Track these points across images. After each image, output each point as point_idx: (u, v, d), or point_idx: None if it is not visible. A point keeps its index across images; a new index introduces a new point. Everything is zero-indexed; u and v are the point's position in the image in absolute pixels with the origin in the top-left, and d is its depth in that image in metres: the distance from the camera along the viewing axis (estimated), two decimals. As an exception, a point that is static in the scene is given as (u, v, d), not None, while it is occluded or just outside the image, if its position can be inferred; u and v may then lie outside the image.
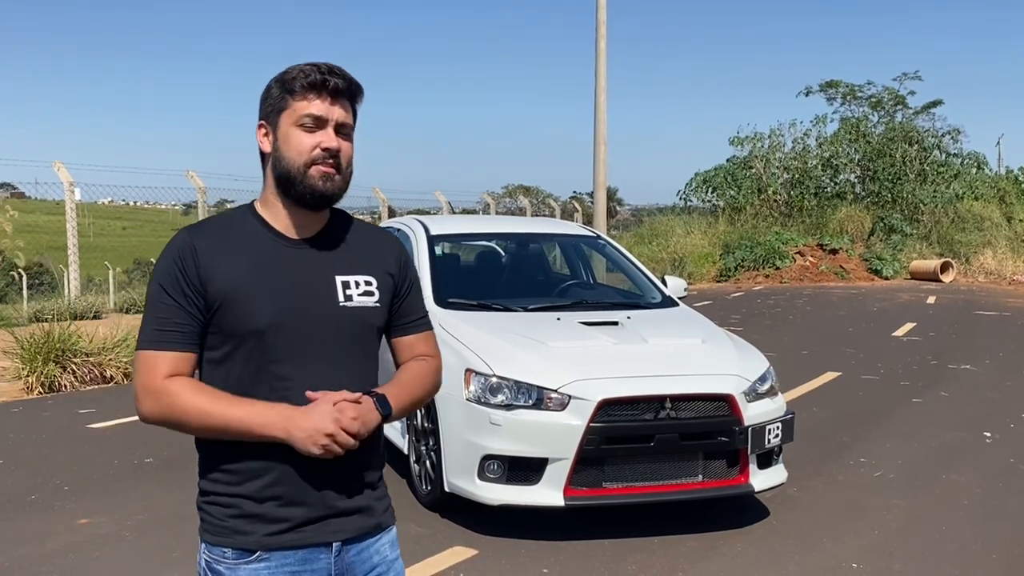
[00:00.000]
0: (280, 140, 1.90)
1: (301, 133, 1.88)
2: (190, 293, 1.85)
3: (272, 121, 1.92)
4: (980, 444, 6.87)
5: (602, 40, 18.89)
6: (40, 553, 4.57)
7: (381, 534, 2.02)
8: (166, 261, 1.87)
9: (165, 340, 1.85)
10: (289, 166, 1.89)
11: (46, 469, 6.05)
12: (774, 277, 22.91)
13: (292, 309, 1.88)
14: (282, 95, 1.90)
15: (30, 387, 8.55)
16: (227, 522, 1.89)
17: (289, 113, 1.89)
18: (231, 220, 1.97)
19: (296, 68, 1.91)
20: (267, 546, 1.87)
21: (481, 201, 25.39)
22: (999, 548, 4.76)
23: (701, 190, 29.12)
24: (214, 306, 1.85)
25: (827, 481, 5.87)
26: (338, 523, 1.93)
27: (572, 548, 4.66)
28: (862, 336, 12.76)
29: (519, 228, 7.71)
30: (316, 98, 1.88)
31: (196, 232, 1.91)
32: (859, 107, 31.60)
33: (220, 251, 1.88)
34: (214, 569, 1.90)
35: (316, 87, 1.88)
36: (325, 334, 1.90)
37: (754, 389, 4.96)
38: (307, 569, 1.90)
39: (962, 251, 24.73)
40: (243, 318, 1.85)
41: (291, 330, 1.87)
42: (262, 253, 1.90)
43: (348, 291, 1.94)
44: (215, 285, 1.85)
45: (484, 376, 4.79)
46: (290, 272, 1.91)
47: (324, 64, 1.90)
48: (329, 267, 1.95)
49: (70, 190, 13.11)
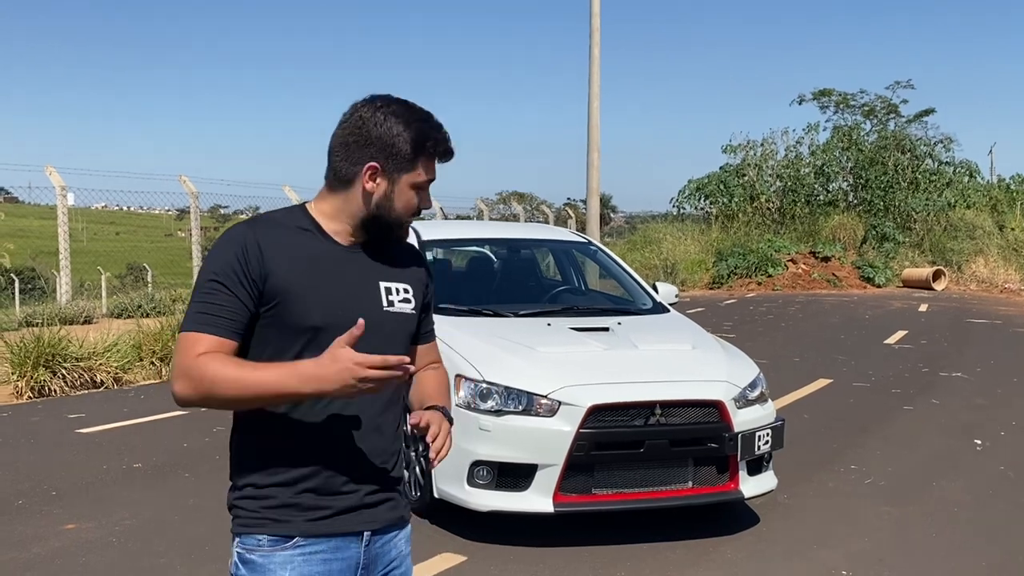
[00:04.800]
0: (395, 195, 1.97)
1: (413, 193, 1.99)
2: (248, 285, 1.88)
3: (393, 175, 1.96)
4: (971, 452, 6.88)
5: (596, 47, 18.92)
6: (26, 558, 4.54)
7: (403, 528, 2.12)
8: (226, 251, 1.90)
9: (208, 323, 1.87)
10: (394, 219, 1.99)
11: (34, 474, 6.02)
12: (767, 284, 22.95)
13: (345, 309, 1.93)
14: (415, 156, 1.96)
15: (20, 392, 8.51)
16: (263, 512, 1.93)
17: (414, 175, 1.97)
18: (287, 219, 2.01)
19: (424, 126, 1.96)
20: (306, 532, 1.93)
21: (475, 207, 25.38)
22: (989, 556, 4.76)
23: (694, 197, 29.20)
24: (271, 301, 1.90)
25: (817, 488, 5.87)
26: (370, 513, 2.00)
27: (561, 555, 4.64)
28: (854, 343, 12.78)
29: (511, 234, 7.72)
30: (435, 162, 2.01)
31: (258, 226, 1.96)
32: (852, 115, 31.75)
33: (281, 247, 1.93)
34: (247, 560, 1.93)
35: (440, 156, 2.00)
36: (371, 336, 1.91)
37: (744, 395, 4.96)
38: (338, 557, 1.96)
39: (954, 259, 24.82)
40: (302, 314, 1.91)
41: (343, 329, 1.88)
42: (319, 253, 1.97)
43: (391, 296, 2.04)
44: (276, 279, 1.90)
45: (474, 382, 4.78)
46: (343, 275, 1.98)
47: (442, 130, 2.00)
48: (374, 273, 2.03)
49: (62, 194, 13.07)
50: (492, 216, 27.92)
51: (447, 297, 5.91)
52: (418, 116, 1.97)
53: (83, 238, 24.37)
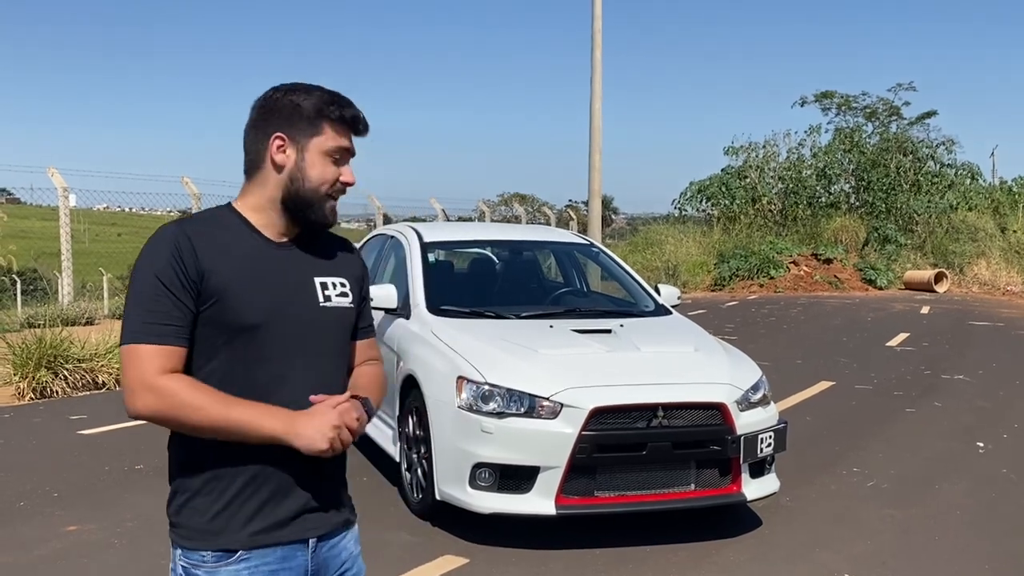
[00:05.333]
0: (306, 163, 1.94)
1: (329, 163, 1.95)
2: (188, 286, 1.85)
3: (300, 141, 1.94)
4: (973, 454, 6.87)
5: (598, 50, 18.93)
6: (27, 560, 4.54)
7: (349, 530, 2.08)
8: (160, 254, 1.85)
9: (160, 334, 1.83)
10: (307, 190, 1.94)
11: (36, 475, 6.01)
12: (768, 286, 22.94)
13: (280, 307, 1.92)
14: (318, 120, 1.94)
15: (21, 393, 8.51)
16: (207, 525, 1.89)
17: (322, 140, 1.94)
18: (217, 218, 1.98)
19: (326, 94, 1.96)
20: (249, 545, 1.89)
21: (476, 209, 25.38)
22: (991, 558, 4.75)
23: (696, 199, 29.16)
24: (209, 301, 1.87)
25: (820, 490, 5.86)
26: (314, 519, 1.97)
27: (564, 557, 4.64)
28: (856, 346, 12.77)
29: (513, 236, 7.70)
30: (349, 131, 1.97)
31: (188, 226, 1.92)
32: (854, 117, 31.69)
33: (215, 245, 1.90)
34: (192, 575, 1.89)
35: (348, 123, 1.96)
36: (307, 332, 1.95)
37: (747, 398, 4.95)
38: (286, 567, 1.93)
39: (956, 261, 24.81)
40: (240, 312, 1.88)
41: (278, 327, 1.92)
42: (251, 251, 1.94)
43: (327, 292, 2.01)
44: (214, 278, 1.86)
45: (476, 384, 4.77)
46: (276, 272, 1.95)
47: (351, 102, 1.98)
48: (309, 269, 2.01)
49: (64, 196, 13.08)
50: (494, 218, 27.91)
51: (448, 299, 5.92)
52: (320, 89, 1.97)
53: (85, 239, 24.36)
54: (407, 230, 6.72)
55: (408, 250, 6.32)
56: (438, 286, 6.05)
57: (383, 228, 8.10)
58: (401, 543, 4.75)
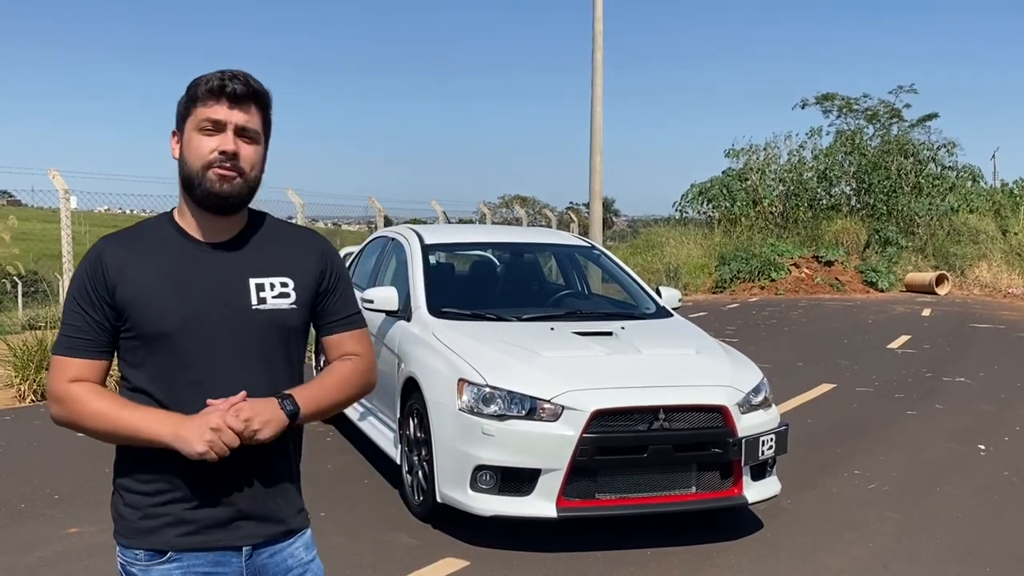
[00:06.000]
0: (186, 146, 1.95)
1: (201, 137, 1.93)
2: (97, 302, 1.91)
3: (182, 130, 1.96)
4: (974, 457, 6.86)
5: (598, 51, 18.93)
6: (28, 562, 4.54)
7: (294, 538, 2.04)
8: (79, 271, 1.95)
9: (73, 347, 1.91)
10: (189, 169, 1.93)
11: (36, 478, 6.01)
12: (769, 289, 22.92)
13: (202, 313, 1.91)
14: (188, 102, 1.95)
15: (22, 395, 8.51)
16: (138, 523, 1.92)
17: (192, 119, 1.94)
18: (145, 227, 2.02)
19: (202, 76, 1.96)
20: (176, 547, 1.91)
21: (477, 211, 25.37)
22: (993, 561, 4.74)
23: (697, 201, 29.13)
24: (124, 312, 1.91)
25: (821, 493, 5.86)
26: (248, 528, 1.96)
27: (565, 560, 4.63)
28: (857, 348, 12.76)
29: (514, 238, 7.70)
30: (215, 103, 1.92)
31: (109, 241, 1.98)
32: (855, 120, 31.63)
33: (131, 258, 1.93)
34: (129, 572, 1.94)
35: (215, 92, 1.92)
36: (237, 338, 1.93)
37: (748, 401, 4.95)
38: (219, 572, 1.93)
39: (957, 264, 24.77)
40: (152, 321, 1.90)
41: (201, 333, 1.90)
42: (173, 257, 1.95)
43: (262, 293, 1.96)
44: (123, 291, 1.90)
45: (477, 386, 4.77)
46: (201, 276, 1.94)
47: (229, 71, 1.94)
48: (243, 270, 1.97)
49: (65, 198, 13.06)
50: (495, 220, 27.89)
51: (449, 301, 5.92)
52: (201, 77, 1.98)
53: (86, 241, 24.34)
54: (408, 232, 6.72)
55: (409, 252, 6.32)
56: (439, 288, 6.05)
57: (384, 230, 8.10)
58: (402, 545, 4.74)
